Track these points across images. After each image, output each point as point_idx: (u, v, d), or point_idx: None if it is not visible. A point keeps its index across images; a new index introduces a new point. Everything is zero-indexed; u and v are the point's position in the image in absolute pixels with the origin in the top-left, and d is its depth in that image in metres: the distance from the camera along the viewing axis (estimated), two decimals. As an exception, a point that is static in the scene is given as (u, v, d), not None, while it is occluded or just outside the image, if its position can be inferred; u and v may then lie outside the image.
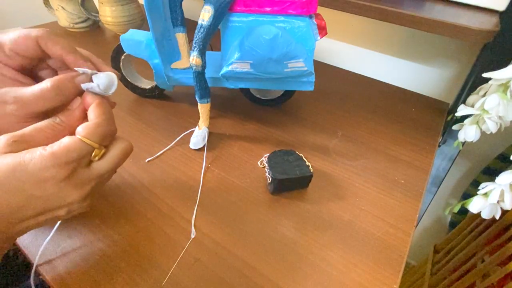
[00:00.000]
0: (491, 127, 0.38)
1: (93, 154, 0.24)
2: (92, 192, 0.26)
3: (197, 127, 0.46)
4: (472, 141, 0.41)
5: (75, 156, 0.23)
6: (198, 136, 0.45)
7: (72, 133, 0.24)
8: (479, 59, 0.53)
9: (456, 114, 0.41)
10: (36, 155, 0.22)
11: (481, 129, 0.40)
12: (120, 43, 0.46)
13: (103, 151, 0.25)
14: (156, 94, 0.54)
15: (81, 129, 0.24)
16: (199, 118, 0.45)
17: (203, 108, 0.44)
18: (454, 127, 0.45)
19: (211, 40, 0.39)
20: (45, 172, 0.22)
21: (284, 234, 0.35)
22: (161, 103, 0.54)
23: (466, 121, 0.42)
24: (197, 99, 0.43)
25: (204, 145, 0.44)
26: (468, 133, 0.41)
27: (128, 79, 0.52)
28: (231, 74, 0.40)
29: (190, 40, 0.52)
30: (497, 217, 0.37)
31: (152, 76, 0.48)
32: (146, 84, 0.53)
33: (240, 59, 0.38)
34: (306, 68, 0.39)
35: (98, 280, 0.30)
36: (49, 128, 0.24)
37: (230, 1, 0.37)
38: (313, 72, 0.41)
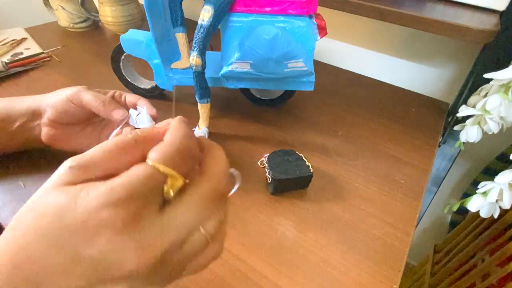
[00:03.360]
0: (493, 127, 0.38)
1: (166, 187, 0.16)
2: (165, 263, 0.16)
3: (197, 127, 0.46)
4: (474, 142, 0.41)
5: (142, 189, 0.15)
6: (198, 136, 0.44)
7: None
8: (479, 59, 0.53)
9: (458, 115, 0.41)
10: (92, 191, 0.15)
11: (482, 130, 0.40)
12: (120, 43, 0.46)
13: (180, 182, 0.16)
14: (156, 94, 0.54)
15: (153, 153, 0.16)
16: (199, 118, 0.45)
17: (203, 108, 0.44)
18: (456, 128, 0.45)
19: (211, 40, 0.39)
20: (98, 214, 0.14)
21: (284, 234, 0.35)
22: (161, 103, 0.54)
23: (467, 121, 0.42)
24: (197, 99, 0.43)
25: None
26: (469, 133, 0.41)
27: (128, 79, 0.52)
28: (231, 74, 0.40)
29: (190, 40, 0.52)
30: (496, 216, 0.37)
31: (152, 76, 0.48)
32: (146, 84, 0.53)
33: (240, 59, 0.38)
34: (306, 68, 0.39)
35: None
36: (120, 146, 0.16)
37: (230, 1, 0.37)
38: (313, 72, 0.41)
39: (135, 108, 0.37)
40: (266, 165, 0.39)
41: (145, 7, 0.38)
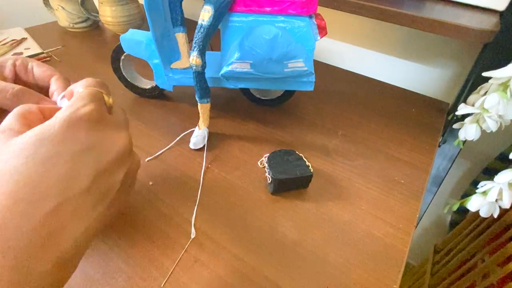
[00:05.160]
0: (491, 126, 0.38)
1: (109, 99, 0.23)
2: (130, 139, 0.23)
3: (197, 127, 0.46)
4: (472, 140, 0.41)
5: (98, 95, 0.21)
6: (198, 136, 0.45)
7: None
8: (479, 59, 0.53)
9: (457, 113, 0.41)
10: (57, 114, 0.19)
11: (481, 128, 0.41)
12: (120, 43, 0.46)
13: (111, 98, 0.23)
14: (156, 94, 0.54)
15: (84, 83, 0.23)
16: (199, 118, 0.45)
17: (203, 108, 0.44)
18: (455, 126, 0.45)
19: (211, 40, 0.39)
20: (78, 114, 0.19)
21: (284, 234, 0.35)
22: (161, 103, 0.54)
23: (466, 120, 0.42)
24: (197, 99, 0.43)
25: (204, 145, 0.44)
26: (468, 131, 0.41)
27: (128, 79, 0.52)
28: (231, 74, 0.40)
29: (190, 40, 0.52)
30: (495, 216, 0.37)
31: (152, 76, 0.48)
32: (146, 84, 0.53)
33: (240, 59, 0.38)
34: (306, 68, 0.39)
35: (97, 280, 0.30)
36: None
37: (230, 1, 0.37)
38: (313, 72, 0.41)
39: (47, 83, 0.29)
40: (266, 165, 0.39)
41: (145, 6, 0.38)
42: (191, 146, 0.44)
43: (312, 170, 0.38)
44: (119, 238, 0.34)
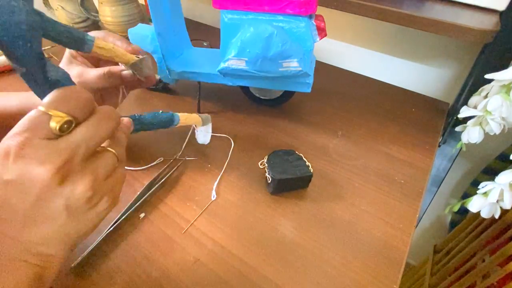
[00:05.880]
0: (495, 128, 0.38)
1: (54, 123, 0.20)
2: (76, 170, 0.20)
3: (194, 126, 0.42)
4: (475, 143, 0.41)
5: (29, 125, 0.19)
6: (201, 132, 0.42)
7: None
8: (479, 59, 0.53)
9: (459, 116, 0.41)
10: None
11: (484, 130, 0.40)
12: (127, 37, 0.47)
13: (65, 119, 0.20)
14: (160, 87, 0.55)
15: (44, 100, 0.21)
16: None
17: (187, 120, 0.38)
18: (457, 129, 0.45)
19: (209, 37, 0.40)
20: (4, 144, 0.19)
21: (284, 234, 0.35)
22: (165, 96, 0.55)
23: (469, 122, 0.42)
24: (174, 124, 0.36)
25: (204, 144, 0.44)
26: (471, 134, 0.41)
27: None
28: (227, 71, 0.41)
29: (192, 39, 0.52)
30: (497, 216, 0.37)
31: (156, 70, 0.48)
32: None
33: (236, 56, 0.39)
34: (300, 69, 0.39)
35: (97, 280, 0.30)
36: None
37: None
38: (310, 73, 0.41)
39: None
40: (266, 165, 0.39)
41: (149, 1, 0.39)
42: (200, 142, 0.42)
43: (312, 170, 0.38)
44: (119, 238, 0.34)
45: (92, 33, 0.35)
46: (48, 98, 0.21)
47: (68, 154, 0.20)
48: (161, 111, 0.33)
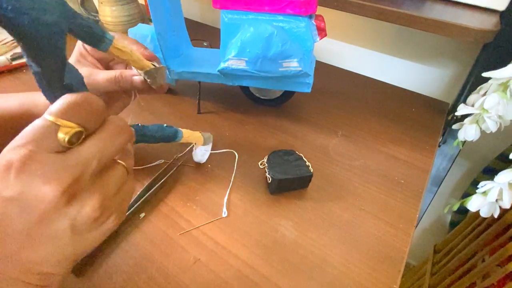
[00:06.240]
0: (491, 126, 0.38)
1: (63, 134, 0.18)
2: (85, 188, 0.19)
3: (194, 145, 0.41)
4: (472, 141, 0.41)
5: (33, 136, 0.18)
6: (200, 150, 0.41)
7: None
8: (479, 59, 0.53)
9: (456, 113, 0.41)
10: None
11: (481, 129, 0.40)
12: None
13: (75, 130, 0.19)
14: None
15: (51, 108, 0.19)
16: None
17: (190, 138, 0.38)
18: (454, 127, 0.45)
19: (209, 37, 0.39)
20: (8, 156, 0.17)
21: (284, 234, 0.35)
22: (164, 96, 0.55)
23: (466, 120, 0.42)
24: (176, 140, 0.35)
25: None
26: (468, 132, 0.41)
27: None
28: (227, 71, 0.41)
29: (192, 39, 0.52)
30: (496, 216, 0.37)
31: None
32: None
33: (236, 56, 0.39)
34: (300, 69, 0.39)
35: (97, 280, 0.30)
36: None
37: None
38: (310, 73, 0.41)
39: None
40: (266, 165, 0.39)
41: (149, 1, 0.39)
42: (196, 160, 0.41)
43: (312, 170, 0.38)
44: (119, 238, 0.34)
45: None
46: (58, 105, 0.19)
47: (78, 171, 0.18)
48: (165, 125, 0.32)
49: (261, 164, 0.43)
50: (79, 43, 0.35)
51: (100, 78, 0.33)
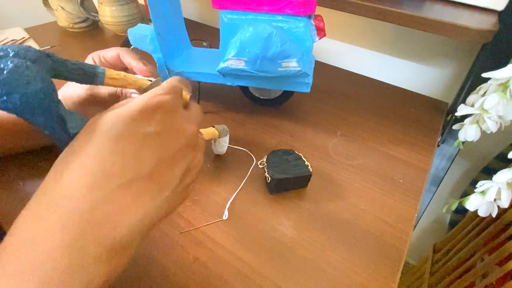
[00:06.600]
0: (491, 126, 0.38)
1: (184, 93, 0.24)
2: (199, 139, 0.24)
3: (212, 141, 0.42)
4: (472, 141, 0.41)
5: (176, 89, 0.22)
6: (218, 143, 0.42)
7: None
8: (478, 59, 0.53)
9: (456, 114, 0.41)
10: (137, 97, 0.21)
11: (481, 129, 0.40)
12: (127, 37, 0.47)
13: (188, 97, 0.25)
14: None
15: (170, 79, 0.25)
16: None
17: (208, 136, 0.39)
18: (455, 127, 0.45)
19: (208, 37, 0.40)
20: (155, 99, 0.20)
21: (284, 233, 0.35)
22: None
23: (466, 120, 0.42)
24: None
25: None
26: (468, 132, 0.41)
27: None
28: (226, 71, 0.41)
29: (192, 39, 0.52)
30: (494, 215, 0.37)
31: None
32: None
33: (235, 56, 0.39)
34: (299, 69, 0.39)
35: None
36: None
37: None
38: (309, 73, 0.41)
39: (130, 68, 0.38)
40: (266, 164, 0.39)
41: (148, 1, 0.39)
42: (216, 153, 0.43)
43: (311, 170, 0.38)
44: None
45: (108, 50, 0.38)
46: (177, 78, 0.25)
47: (198, 122, 0.24)
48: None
49: (260, 164, 0.43)
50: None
51: (103, 92, 0.37)
